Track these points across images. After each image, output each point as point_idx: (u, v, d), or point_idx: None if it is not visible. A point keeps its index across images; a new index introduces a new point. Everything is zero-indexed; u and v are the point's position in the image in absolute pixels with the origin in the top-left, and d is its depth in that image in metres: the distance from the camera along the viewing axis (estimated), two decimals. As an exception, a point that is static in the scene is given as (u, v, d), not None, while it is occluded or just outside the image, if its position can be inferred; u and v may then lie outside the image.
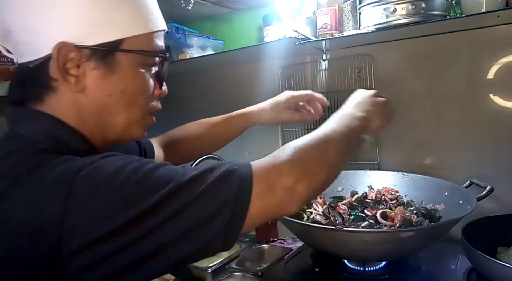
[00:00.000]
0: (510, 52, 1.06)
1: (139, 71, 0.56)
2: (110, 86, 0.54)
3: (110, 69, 0.54)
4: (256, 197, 0.50)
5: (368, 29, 1.04)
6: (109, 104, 0.55)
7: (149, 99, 0.59)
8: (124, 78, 0.55)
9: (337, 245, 0.88)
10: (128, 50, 0.54)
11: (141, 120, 0.59)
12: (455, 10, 1.03)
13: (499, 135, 1.10)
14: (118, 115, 0.56)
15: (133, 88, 0.56)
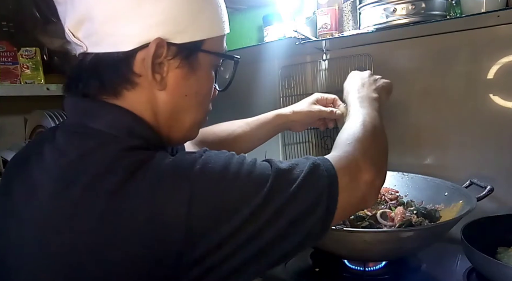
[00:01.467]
0: (510, 52, 1.06)
1: (211, 73, 0.57)
2: (189, 86, 0.54)
3: (191, 69, 0.53)
4: (342, 191, 0.51)
5: (368, 29, 1.04)
6: (184, 104, 0.55)
7: (210, 102, 0.61)
8: (200, 79, 0.55)
9: (337, 245, 0.88)
10: (208, 51, 0.55)
11: (203, 120, 0.60)
12: (455, 10, 1.03)
13: (499, 135, 1.10)
14: (188, 115, 0.56)
15: (206, 89, 0.57)
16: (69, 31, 0.51)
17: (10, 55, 1.27)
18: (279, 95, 1.44)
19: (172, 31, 0.50)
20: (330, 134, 1.35)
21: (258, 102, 1.50)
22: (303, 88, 1.40)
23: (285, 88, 1.43)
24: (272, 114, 0.98)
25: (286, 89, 1.43)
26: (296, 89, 1.41)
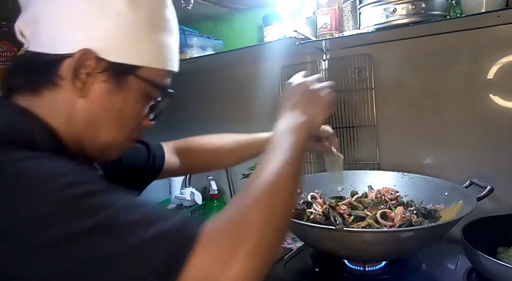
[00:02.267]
0: (510, 52, 1.06)
1: (142, 99, 0.58)
2: (112, 102, 0.56)
3: (118, 87, 0.55)
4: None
5: (368, 29, 1.04)
6: (102, 117, 0.56)
7: (138, 126, 0.61)
8: (127, 100, 0.56)
9: (337, 245, 0.88)
10: (142, 77, 0.56)
11: (122, 144, 0.61)
12: (455, 10, 1.03)
13: (499, 135, 1.10)
14: (106, 131, 0.57)
15: (131, 111, 0.58)
16: (19, 29, 0.54)
17: (10, 55, 1.27)
18: (279, 95, 1.44)
19: (107, 49, 0.53)
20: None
21: (258, 102, 1.50)
22: (303, 88, 1.40)
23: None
24: (261, 137, 0.98)
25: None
26: (296, 89, 1.41)
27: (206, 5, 1.39)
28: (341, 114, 1.33)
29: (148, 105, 0.60)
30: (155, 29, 0.57)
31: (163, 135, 1.90)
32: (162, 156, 0.90)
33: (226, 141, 0.98)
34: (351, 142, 1.32)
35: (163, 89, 0.60)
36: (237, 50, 1.33)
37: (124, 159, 0.81)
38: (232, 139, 0.98)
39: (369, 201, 1.08)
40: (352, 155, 1.33)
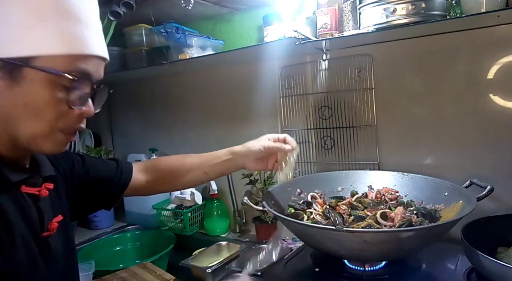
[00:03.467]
0: (510, 52, 1.06)
1: (46, 89, 0.56)
2: (13, 96, 0.55)
3: (14, 81, 0.55)
4: None
5: (368, 29, 1.04)
6: (11, 113, 0.57)
7: (61, 117, 0.59)
8: (27, 92, 0.56)
9: (337, 245, 0.88)
10: (37, 67, 0.55)
11: (49, 135, 0.60)
12: (455, 10, 1.03)
13: (499, 135, 1.10)
14: (22, 126, 0.57)
15: (37, 103, 0.57)
16: None
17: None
18: (279, 95, 1.45)
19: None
20: (330, 134, 1.36)
21: (258, 102, 1.50)
22: (303, 88, 1.40)
23: (285, 88, 1.43)
24: (224, 150, 0.99)
25: (286, 89, 1.43)
26: (296, 89, 1.41)
27: (206, 5, 1.39)
28: (341, 114, 1.33)
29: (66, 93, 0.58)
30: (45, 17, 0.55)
31: (163, 135, 1.90)
32: (130, 172, 0.93)
33: (190, 161, 1.00)
34: (351, 142, 1.32)
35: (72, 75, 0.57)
36: (237, 50, 1.33)
37: (92, 169, 0.85)
38: (196, 158, 1.00)
39: (369, 201, 1.08)
40: (352, 155, 1.33)
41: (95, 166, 0.87)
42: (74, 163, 0.83)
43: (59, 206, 0.73)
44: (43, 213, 0.66)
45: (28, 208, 0.64)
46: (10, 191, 0.61)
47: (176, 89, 1.76)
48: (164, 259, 1.33)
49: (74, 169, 0.82)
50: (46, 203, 0.68)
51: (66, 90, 0.58)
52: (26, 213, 0.63)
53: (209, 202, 1.59)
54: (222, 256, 1.22)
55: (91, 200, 0.87)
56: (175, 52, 1.42)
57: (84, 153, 0.93)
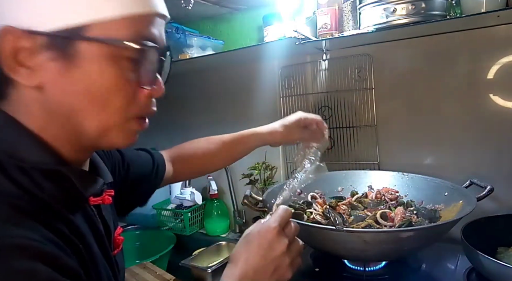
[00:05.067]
0: (510, 52, 1.06)
1: (110, 65, 0.44)
2: (72, 83, 0.43)
3: (70, 62, 0.43)
4: None
5: (368, 29, 1.04)
6: (72, 104, 0.45)
7: (131, 101, 0.47)
8: (89, 74, 0.44)
9: (337, 245, 0.88)
10: (95, 38, 0.42)
11: (122, 125, 0.48)
12: (455, 10, 1.03)
13: (499, 135, 1.10)
14: (88, 118, 0.46)
15: (102, 86, 0.44)
16: None
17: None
18: (279, 95, 1.44)
19: (34, 17, 0.41)
20: (330, 134, 1.35)
21: (258, 102, 1.50)
22: (303, 88, 1.40)
23: (285, 88, 1.43)
24: (248, 133, 0.96)
25: (286, 89, 1.43)
26: (296, 89, 1.41)
27: (206, 5, 1.39)
28: (341, 114, 1.33)
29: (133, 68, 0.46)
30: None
31: (163, 135, 1.90)
32: (164, 166, 0.86)
33: (214, 143, 0.95)
34: (351, 142, 1.32)
35: (137, 42, 0.44)
36: (237, 50, 1.33)
37: (131, 167, 0.76)
38: (219, 140, 0.95)
39: (369, 201, 1.08)
40: (352, 155, 1.33)
41: (133, 163, 0.77)
42: (115, 162, 0.73)
43: (115, 215, 0.63)
44: (108, 226, 0.56)
45: (97, 223, 0.53)
46: (83, 206, 0.50)
47: (176, 89, 1.75)
48: (164, 259, 1.33)
49: (116, 169, 0.72)
50: (108, 213, 0.57)
51: (133, 65, 0.45)
52: (97, 230, 0.52)
53: (209, 202, 1.59)
54: (222, 256, 1.22)
55: (129, 200, 0.77)
56: (175, 52, 1.42)
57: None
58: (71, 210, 0.47)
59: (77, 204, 0.49)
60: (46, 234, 0.39)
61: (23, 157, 0.43)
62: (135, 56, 0.45)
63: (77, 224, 0.46)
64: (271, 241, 0.55)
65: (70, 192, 0.46)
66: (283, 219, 0.58)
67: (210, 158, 0.95)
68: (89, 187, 0.50)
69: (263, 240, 0.55)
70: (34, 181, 0.43)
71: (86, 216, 0.50)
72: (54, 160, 0.46)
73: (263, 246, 0.55)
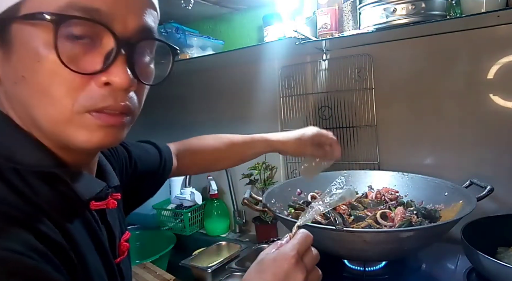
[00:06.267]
0: (510, 52, 1.06)
1: (45, 47, 0.37)
2: (13, 70, 0.39)
3: (7, 47, 0.39)
4: None
5: (368, 29, 1.04)
6: (18, 94, 0.40)
7: (77, 90, 0.39)
8: (24, 58, 0.38)
9: (337, 245, 0.88)
10: (24, 15, 0.37)
11: (75, 120, 0.40)
12: (455, 10, 1.03)
13: (499, 135, 1.10)
14: (36, 110, 0.40)
15: (40, 72, 0.38)
16: None
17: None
18: (279, 95, 1.44)
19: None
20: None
21: (258, 102, 1.50)
22: (303, 88, 1.40)
23: (285, 88, 1.43)
24: (259, 138, 0.94)
25: (286, 89, 1.43)
26: (296, 89, 1.41)
27: (206, 5, 1.39)
28: (341, 114, 1.33)
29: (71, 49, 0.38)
30: None
31: (163, 135, 1.90)
32: (171, 160, 0.85)
33: (224, 143, 0.93)
34: (351, 142, 1.32)
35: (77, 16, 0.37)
36: (237, 50, 1.33)
37: (138, 164, 0.74)
38: (229, 140, 0.93)
39: (369, 201, 1.08)
40: (352, 155, 1.33)
41: (141, 159, 0.75)
42: (122, 161, 0.70)
43: (123, 219, 0.60)
44: (113, 232, 0.53)
45: (98, 229, 0.49)
46: (81, 211, 0.47)
47: (176, 89, 1.75)
48: (164, 259, 1.33)
49: (124, 168, 0.69)
50: (113, 217, 0.54)
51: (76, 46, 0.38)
52: (96, 236, 0.49)
53: (209, 202, 1.59)
54: (222, 256, 1.22)
55: (135, 197, 0.75)
56: (175, 52, 1.42)
57: (126, 143, 0.74)
58: (67, 216, 0.44)
59: (75, 209, 0.46)
60: (33, 243, 0.36)
61: (19, 159, 0.41)
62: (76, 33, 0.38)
63: (72, 232, 0.43)
64: (287, 271, 0.48)
65: (67, 196, 0.44)
66: (303, 246, 0.51)
67: (219, 157, 0.94)
68: (89, 191, 0.47)
69: (278, 270, 0.48)
70: (30, 185, 0.40)
71: (85, 222, 0.47)
72: (52, 162, 0.43)
73: (278, 276, 0.48)
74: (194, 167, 0.94)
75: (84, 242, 0.45)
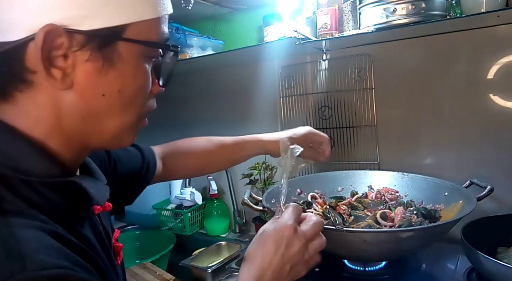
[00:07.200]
0: (510, 52, 1.06)
1: (142, 66, 0.45)
2: (107, 83, 0.43)
3: (108, 62, 0.42)
4: None
5: (368, 29, 1.04)
6: (101, 105, 0.44)
7: (147, 99, 0.49)
8: (124, 74, 0.44)
9: (337, 245, 0.88)
10: (133, 39, 0.43)
11: (136, 124, 0.49)
12: (455, 10, 1.03)
13: (499, 135, 1.10)
14: (110, 119, 0.45)
15: (134, 87, 0.45)
16: None
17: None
18: (279, 95, 1.44)
19: (75, 15, 0.40)
20: (330, 134, 1.35)
21: (258, 102, 1.50)
22: (303, 88, 1.40)
23: (285, 88, 1.43)
24: (250, 138, 0.91)
25: (286, 89, 1.43)
26: (296, 89, 1.41)
27: (206, 5, 1.39)
28: (341, 114, 1.33)
29: (151, 67, 0.47)
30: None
31: (163, 135, 1.90)
32: (155, 163, 0.81)
33: (214, 144, 0.89)
34: (351, 142, 1.32)
35: (164, 44, 0.47)
36: (237, 50, 1.33)
37: (118, 164, 0.72)
38: (219, 142, 0.90)
39: (369, 201, 1.08)
40: (352, 155, 1.33)
41: (121, 159, 0.73)
42: (102, 159, 0.69)
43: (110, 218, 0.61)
44: (109, 234, 0.54)
45: (102, 233, 0.51)
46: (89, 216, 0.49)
47: (176, 89, 1.75)
48: (164, 259, 1.33)
49: (103, 167, 0.68)
50: (106, 219, 0.55)
51: (151, 63, 0.47)
52: (102, 239, 0.50)
53: (209, 202, 1.59)
54: (222, 256, 1.22)
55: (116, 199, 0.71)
56: (175, 52, 1.42)
57: None
58: (81, 223, 0.45)
59: (87, 215, 0.47)
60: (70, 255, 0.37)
61: (27, 170, 0.40)
62: (155, 55, 0.47)
63: (88, 237, 0.45)
64: (288, 238, 0.54)
65: (80, 203, 0.45)
66: (297, 216, 0.58)
67: (208, 159, 0.90)
68: (102, 195, 0.48)
69: (279, 237, 0.54)
70: (44, 196, 0.41)
71: (92, 227, 0.49)
72: (60, 170, 0.43)
73: (280, 244, 0.54)
74: (182, 170, 0.90)
75: (97, 247, 0.47)
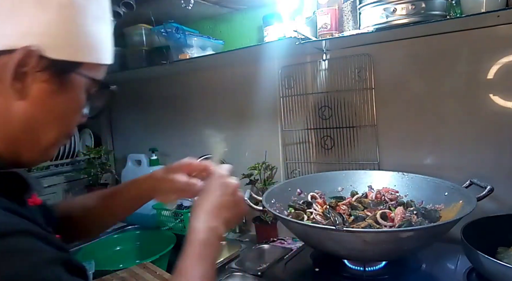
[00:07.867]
0: (510, 52, 1.06)
1: (82, 96, 0.56)
2: (55, 103, 0.52)
3: (61, 87, 0.52)
4: None
5: (368, 29, 1.04)
6: (45, 120, 0.52)
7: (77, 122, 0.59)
8: (70, 99, 0.54)
9: (337, 245, 0.88)
10: (83, 74, 0.53)
11: (62, 141, 0.58)
12: (455, 10, 1.03)
13: (499, 135, 1.10)
14: (48, 133, 0.53)
15: (73, 110, 0.56)
16: None
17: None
18: (279, 95, 1.44)
19: (48, 45, 0.49)
20: (330, 134, 1.36)
21: (258, 102, 1.50)
22: (303, 88, 1.40)
23: (285, 88, 1.43)
24: (128, 182, 0.82)
25: (286, 89, 1.43)
26: (296, 89, 1.41)
27: (206, 5, 1.39)
28: (341, 114, 1.33)
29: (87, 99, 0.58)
30: (95, 21, 0.54)
31: (163, 135, 1.90)
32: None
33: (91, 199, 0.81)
34: (351, 142, 1.32)
35: (103, 82, 0.58)
36: (237, 50, 1.33)
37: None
38: (95, 196, 0.81)
39: (369, 201, 1.08)
40: (352, 155, 1.33)
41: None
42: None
43: None
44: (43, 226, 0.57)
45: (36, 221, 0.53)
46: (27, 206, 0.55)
47: (176, 89, 1.76)
48: (164, 259, 1.33)
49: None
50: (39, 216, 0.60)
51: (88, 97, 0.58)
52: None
53: (209, 202, 1.59)
54: (222, 256, 1.22)
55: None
56: (175, 52, 1.42)
57: None
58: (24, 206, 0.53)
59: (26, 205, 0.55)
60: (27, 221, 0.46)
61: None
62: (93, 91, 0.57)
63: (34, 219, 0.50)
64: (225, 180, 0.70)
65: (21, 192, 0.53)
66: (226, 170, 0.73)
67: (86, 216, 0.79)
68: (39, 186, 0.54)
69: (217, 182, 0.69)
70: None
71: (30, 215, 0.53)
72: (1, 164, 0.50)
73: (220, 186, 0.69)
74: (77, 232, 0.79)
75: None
